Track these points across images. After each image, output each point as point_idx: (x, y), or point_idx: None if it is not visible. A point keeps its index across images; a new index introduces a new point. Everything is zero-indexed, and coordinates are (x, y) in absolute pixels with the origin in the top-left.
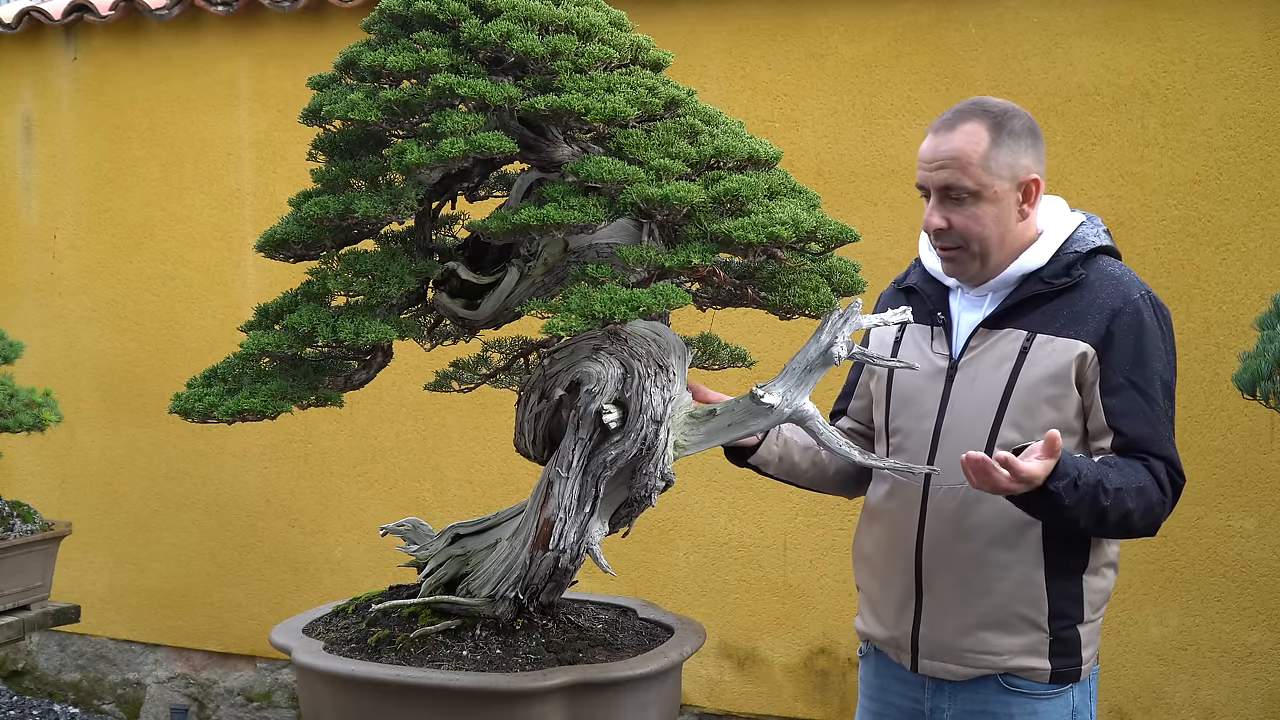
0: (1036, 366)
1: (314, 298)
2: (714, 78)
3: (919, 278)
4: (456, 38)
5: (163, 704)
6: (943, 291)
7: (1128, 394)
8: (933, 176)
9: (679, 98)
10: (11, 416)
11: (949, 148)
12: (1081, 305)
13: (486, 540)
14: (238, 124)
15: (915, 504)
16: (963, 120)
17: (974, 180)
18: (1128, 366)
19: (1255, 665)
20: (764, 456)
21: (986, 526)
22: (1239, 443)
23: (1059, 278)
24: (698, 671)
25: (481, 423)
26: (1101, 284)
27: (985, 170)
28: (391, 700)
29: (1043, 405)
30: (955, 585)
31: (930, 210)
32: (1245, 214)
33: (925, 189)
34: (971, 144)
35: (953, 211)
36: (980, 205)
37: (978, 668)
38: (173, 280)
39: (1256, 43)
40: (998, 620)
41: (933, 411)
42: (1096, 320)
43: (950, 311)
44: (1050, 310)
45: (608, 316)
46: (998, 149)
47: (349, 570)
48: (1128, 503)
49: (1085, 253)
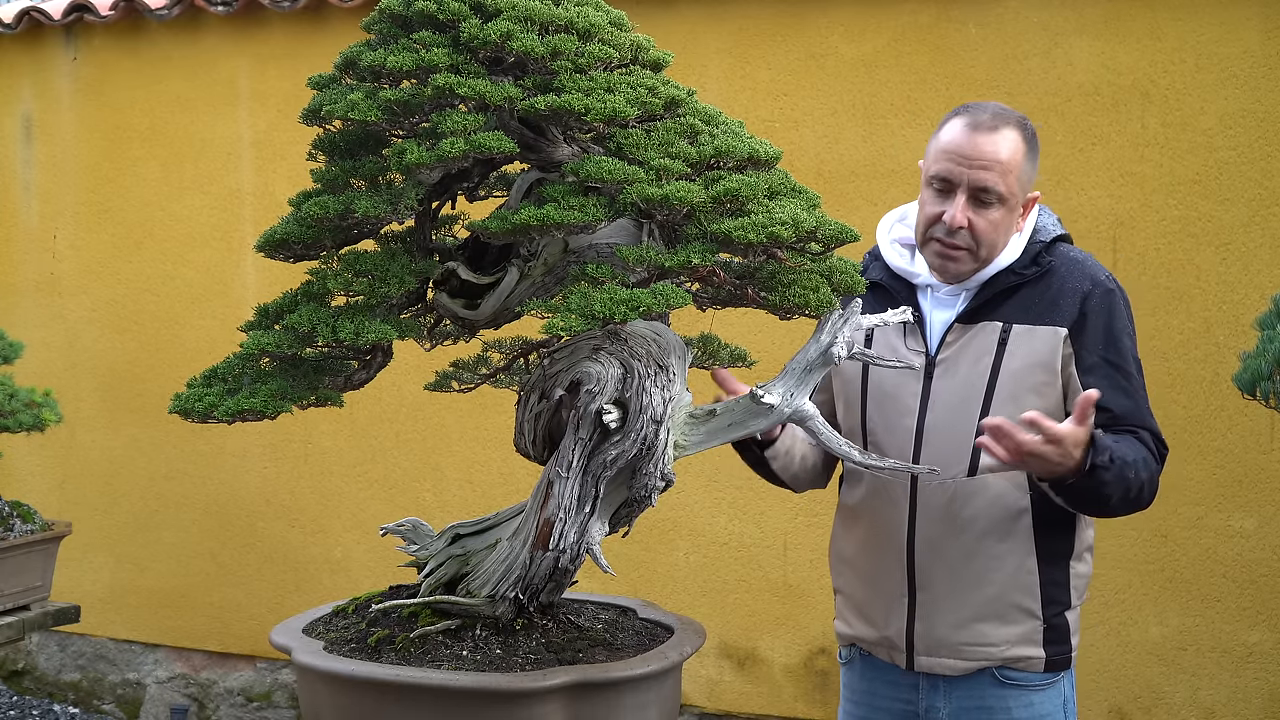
0: (1017, 357)
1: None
2: (714, 78)
3: (883, 275)
4: (456, 38)
5: (163, 704)
6: (911, 288)
7: (1105, 371)
8: (972, 175)
9: (679, 98)
10: (11, 416)
11: (994, 150)
12: (1052, 292)
13: (486, 540)
14: (238, 124)
15: (903, 501)
16: (1003, 125)
17: (1008, 188)
18: (1101, 345)
19: (1255, 665)
20: (777, 450)
21: (979, 518)
22: (1239, 443)
23: (1028, 268)
24: (698, 671)
25: (481, 423)
26: (1067, 269)
27: (1017, 180)
28: (391, 700)
29: (1028, 394)
30: (950, 579)
31: (955, 207)
32: (1245, 214)
33: (950, 182)
34: (1013, 152)
35: (977, 213)
36: (1001, 211)
37: (975, 660)
38: (173, 280)
39: (1256, 43)
40: (994, 611)
41: (913, 409)
42: (1069, 304)
43: (922, 308)
44: (1022, 300)
45: (608, 316)
46: (1028, 162)
47: (349, 570)
48: (1142, 474)
49: (1049, 241)
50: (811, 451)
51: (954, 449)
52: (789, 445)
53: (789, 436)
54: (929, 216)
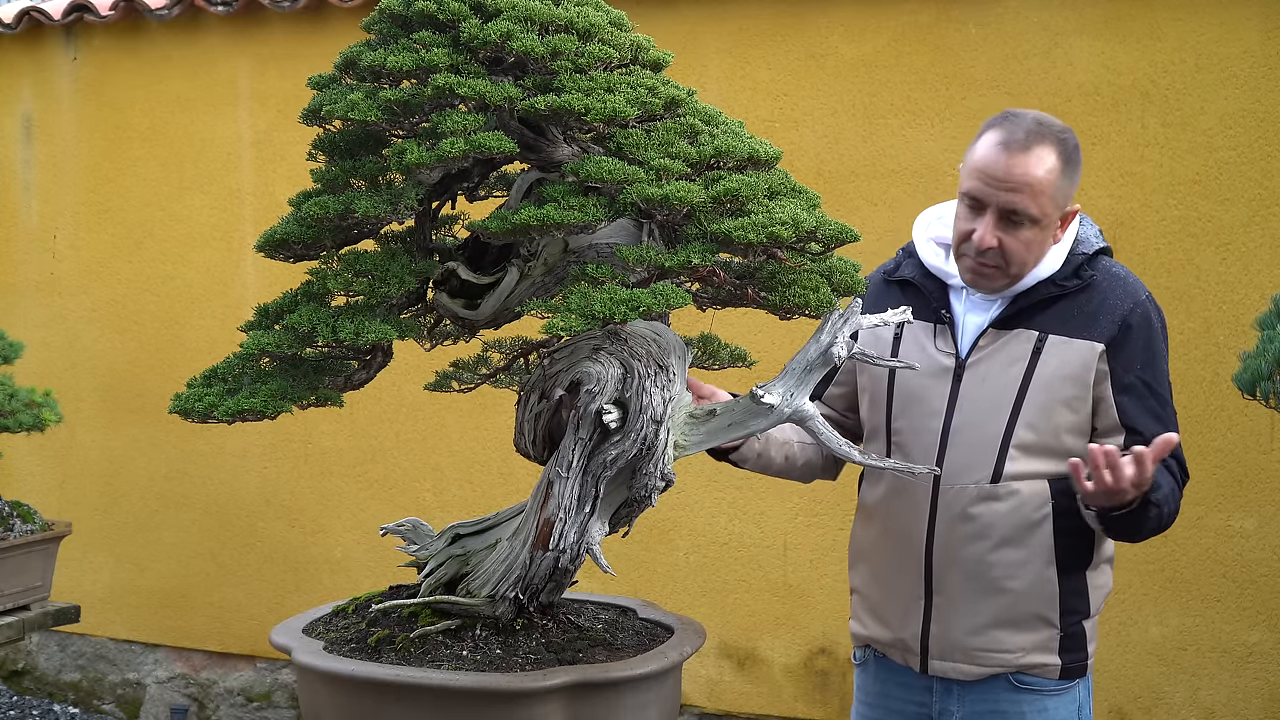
0: (1050, 367)
1: (314, 298)
2: (714, 78)
3: (917, 273)
4: (456, 38)
5: (163, 704)
6: (944, 288)
7: (1140, 393)
8: (1001, 197)
9: (679, 98)
10: (11, 416)
11: (1024, 172)
12: (1092, 306)
13: (486, 540)
14: (238, 124)
15: (924, 504)
16: (1037, 143)
17: (1040, 209)
18: (1139, 366)
19: (1255, 665)
20: (744, 454)
21: (998, 525)
22: (1239, 443)
23: (1069, 280)
24: (698, 671)
25: (481, 423)
26: (1109, 285)
27: (1051, 200)
28: (391, 700)
29: (1059, 406)
30: (968, 584)
31: (984, 227)
32: (1245, 214)
33: (980, 202)
34: (1047, 172)
35: (1006, 233)
36: (1033, 231)
37: (990, 666)
38: (173, 280)
39: (1256, 43)
40: (1011, 619)
41: (940, 411)
42: (1108, 320)
43: (953, 309)
44: (1060, 311)
45: (608, 316)
46: (1064, 180)
47: (349, 570)
48: (1172, 505)
49: (1090, 254)
50: (802, 452)
51: (979, 454)
52: (760, 449)
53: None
54: (961, 232)
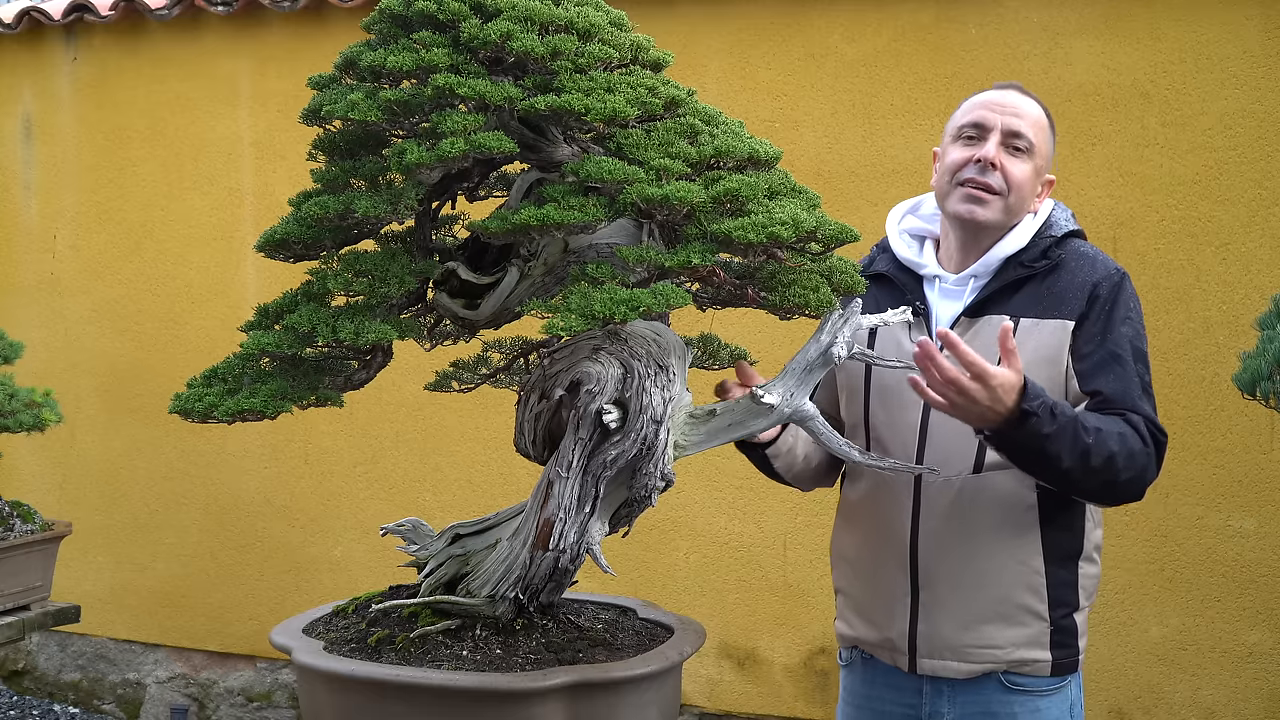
0: (1025, 350)
1: (314, 298)
2: (714, 78)
3: (890, 266)
4: (456, 38)
5: (163, 704)
6: (917, 280)
7: (1098, 356)
8: (1004, 119)
9: (679, 98)
10: (11, 416)
11: (1022, 103)
12: (1060, 285)
13: (486, 540)
14: (238, 124)
15: (906, 499)
16: (1024, 94)
17: (1036, 141)
18: (1098, 334)
19: (1255, 665)
20: (779, 448)
21: (984, 516)
22: (1239, 443)
23: (1037, 261)
24: (698, 671)
25: (481, 423)
26: (1076, 263)
27: (1044, 141)
28: (391, 700)
29: None
30: (955, 579)
31: (990, 145)
32: (1245, 214)
33: (983, 128)
34: (1038, 115)
35: (1008, 158)
36: (1030, 167)
37: (980, 663)
38: (173, 280)
39: (1256, 43)
40: (1000, 612)
41: (917, 403)
42: (1076, 297)
43: (927, 300)
44: (1030, 293)
45: (608, 316)
46: (1049, 135)
47: (349, 570)
48: (1110, 444)
49: (1060, 236)
50: (815, 451)
51: (959, 445)
52: (791, 444)
53: (791, 435)
54: (958, 160)
